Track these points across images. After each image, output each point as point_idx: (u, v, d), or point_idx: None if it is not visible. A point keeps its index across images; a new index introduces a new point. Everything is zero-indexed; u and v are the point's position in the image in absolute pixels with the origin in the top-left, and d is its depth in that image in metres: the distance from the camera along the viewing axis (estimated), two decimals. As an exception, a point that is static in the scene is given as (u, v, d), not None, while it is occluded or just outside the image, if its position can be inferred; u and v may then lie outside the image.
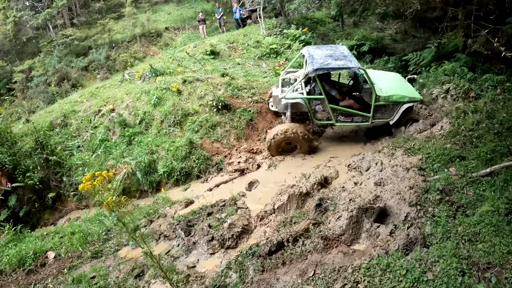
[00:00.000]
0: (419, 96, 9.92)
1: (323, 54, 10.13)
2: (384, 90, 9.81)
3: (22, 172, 11.43)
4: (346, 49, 10.75)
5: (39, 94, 22.10)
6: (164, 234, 7.55)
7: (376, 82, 10.03)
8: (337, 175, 8.41)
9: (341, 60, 9.62)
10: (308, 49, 10.82)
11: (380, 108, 9.83)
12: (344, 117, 9.96)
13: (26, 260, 7.85)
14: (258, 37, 17.57)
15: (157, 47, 23.95)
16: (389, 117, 9.94)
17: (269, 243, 6.07)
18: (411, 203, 6.26)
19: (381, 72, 11.90)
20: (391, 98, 9.67)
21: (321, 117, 10.01)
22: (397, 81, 10.83)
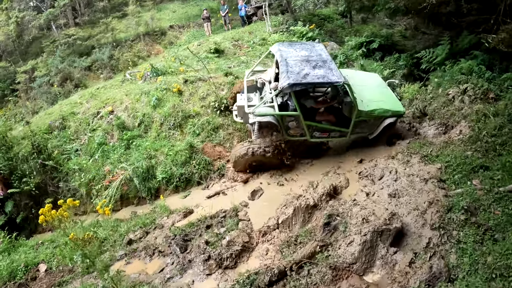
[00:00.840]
0: (403, 108, 9.20)
1: (298, 58, 9.00)
2: (366, 102, 8.93)
3: (18, 177, 11.13)
4: (324, 49, 9.71)
5: (42, 94, 21.75)
6: (159, 250, 7.04)
7: (356, 90, 9.05)
8: (347, 183, 7.80)
9: (321, 68, 8.52)
10: (279, 48, 9.59)
11: (360, 123, 8.98)
12: (320, 133, 9.03)
13: (17, 273, 7.52)
14: (264, 35, 16.99)
15: (162, 45, 23.43)
16: (369, 132, 9.18)
17: (269, 272, 5.47)
18: (433, 226, 5.64)
19: (360, 74, 10.95)
20: (373, 113, 8.85)
21: (294, 133, 8.99)
22: (379, 89, 9.88)
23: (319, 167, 9.06)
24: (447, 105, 9.22)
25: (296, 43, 10.33)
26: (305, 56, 9.08)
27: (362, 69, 12.61)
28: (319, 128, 8.89)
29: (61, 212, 4.24)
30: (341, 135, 9.07)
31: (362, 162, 8.82)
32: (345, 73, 9.88)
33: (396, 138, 9.33)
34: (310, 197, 6.90)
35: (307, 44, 10.18)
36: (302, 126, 8.73)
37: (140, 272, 6.72)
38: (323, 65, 8.66)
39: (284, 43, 10.08)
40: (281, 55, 9.09)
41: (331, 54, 13.81)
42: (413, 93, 11.07)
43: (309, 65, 8.65)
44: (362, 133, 9.19)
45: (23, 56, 26.28)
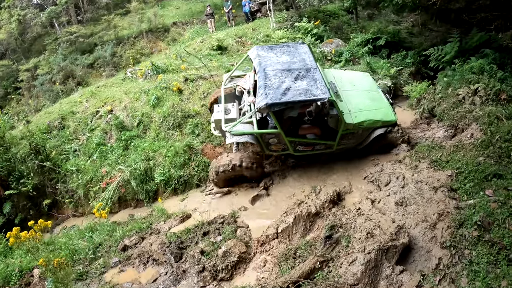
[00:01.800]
0: (394, 117, 8.53)
1: (278, 66, 8.19)
2: (354, 112, 8.23)
3: (16, 178, 10.95)
4: (308, 52, 8.84)
5: (45, 92, 21.65)
6: (154, 258, 6.74)
7: (344, 96, 8.55)
8: (351, 189, 7.43)
9: (304, 79, 7.76)
10: (258, 54, 8.71)
11: (347, 135, 8.35)
12: (303, 147, 8.38)
13: (11, 278, 7.21)
14: (268, 31, 16.55)
15: (165, 42, 23.12)
16: (357, 142, 8.64)
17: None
18: (444, 244, 5.27)
19: (349, 75, 10.01)
20: (362, 125, 8.20)
21: (276, 149, 8.39)
22: (369, 94, 9.06)
23: (324, 171, 8.71)
24: (457, 106, 8.82)
25: (277, 46, 9.30)
26: (287, 63, 8.33)
27: (368, 66, 12.24)
28: (302, 142, 8.33)
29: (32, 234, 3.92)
30: (326, 147, 8.47)
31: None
32: (334, 74, 9.47)
33: (389, 147, 8.77)
34: (312, 204, 6.55)
35: (290, 46, 9.24)
36: (284, 142, 8.12)
37: (133, 281, 6.44)
38: (306, 75, 7.92)
39: (263, 47, 9.23)
40: (259, 62, 8.33)
41: (337, 51, 13.50)
42: (421, 92, 10.68)
43: (291, 75, 7.91)
44: (350, 145, 8.64)
45: (26, 54, 26.21)
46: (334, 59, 13.47)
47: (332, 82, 8.94)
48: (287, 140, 8.04)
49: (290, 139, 8.07)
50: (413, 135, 9.27)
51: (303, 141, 8.25)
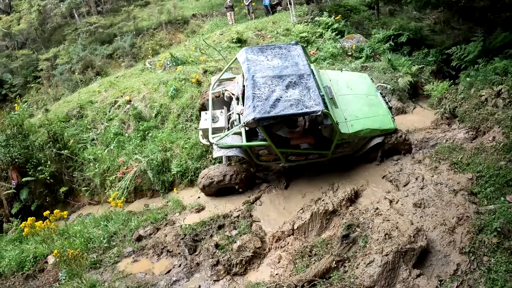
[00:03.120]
0: (393, 125, 8.13)
1: (269, 72, 7.64)
2: (350, 121, 7.78)
3: (34, 165, 11.06)
4: (301, 54, 8.27)
5: (64, 82, 21.87)
6: (168, 249, 6.73)
7: (341, 101, 8.17)
8: (369, 188, 7.29)
9: (296, 88, 7.21)
10: (247, 57, 8.16)
11: (342, 144, 7.97)
12: (296, 156, 7.99)
13: (25, 264, 7.31)
14: (288, 25, 16.36)
15: (184, 34, 23.12)
16: (352, 150, 8.24)
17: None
18: (463, 250, 5.16)
19: (347, 77, 9.45)
20: (358, 135, 7.81)
21: (267, 159, 8.01)
22: (367, 99, 8.59)
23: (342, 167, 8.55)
24: (479, 108, 8.59)
25: (268, 47, 8.69)
26: (278, 68, 7.75)
27: (389, 63, 12.02)
28: (294, 152, 7.94)
29: (47, 224, 3.89)
30: (320, 156, 8.12)
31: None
32: (330, 76, 9.08)
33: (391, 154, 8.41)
34: (329, 201, 6.46)
35: (282, 47, 8.60)
36: (275, 153, 7.74)
37: (146, 272, 6.45)
38: (299, 83, 7.37)
39: (254, 48, 8.65)
40: (248, 68, 7.77)
41: (358, 47, 13.29)
42: (442, 91, 10.44)
43: (282, 83, 7.33)
44: (344, 153, 8.27)
45: (46, 44, 26.54)
46: (355, 55, 13.26)
47: (327, 86, 8.54)
48: (278, 151, 7.68)
49: (281, 150, 7.69)
50: (428, 137, 9.04)
51: (295, 151, 7.88)
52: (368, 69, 12.03)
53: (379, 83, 10.00)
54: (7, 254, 7.67)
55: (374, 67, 12.13)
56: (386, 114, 8.27)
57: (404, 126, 9.66)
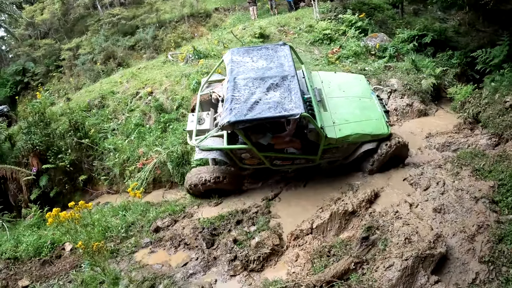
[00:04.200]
0: (387, 130, 7.57)
1: (251, 73, 7.39)
2: (339, 125, 7.38)
3: (54, 153, 11.23)
4: (288, 55, 7.90)
5: (86, 71, 22.21)
6: (185, 242, 6.75)
7: (330, 104, 7.79)
8: (389, 190, 7.16)
9: (277, 90, 6.85)
10: (232, 59, 7.94)
11: (330, 150, 7.55)
12: (281, 161, 7.68)
13: (42, 250, 7.47)
14: (311, 21, 16.22)
15: (206, 28, 23.17)
16: (343, 156, 7.84)
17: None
18: (482, 259, 5.08)
19: (341, 78, 8.97)
20: (346, 140, 7.38)
21: (251, 163, 7.72)
22: (360, 102, 8.12)
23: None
24: (503, 114, 8.41)
25: (255, 48, 8.41)
26: (261, 70, 7.46)
27: (413, 64, 11.84)
28: (279, 156, 7.61)
29: (72, 214, 3.90)
30: (308, 161, 7.76)
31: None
32: (322, 77, 8.74)
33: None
34: (349, 202, 6.42)
35: (270, 48, 8.29)
36: (259, 157, 7.43)
37: (163, 263, 6.48)
38: (281, 84, 7.02)
39: (240, 50, 8.41)
40: (231, 70, 7.55)
41: (381, 46, 13.12)
42: (465, 95, 10.24)
43: (263, 85, 7.01)
44: (334, 158, 7.91)
45: (68, 34, 26.93)
46: (378, 54, 13.10)
47: (317, 88, 8.22)
48: (261, 155, 7.37)
49: (264, 154, 7.39)
50: (450, 142, 8.88)
51: (279, 155, 7.55)
52: (391, 69, 11.89)
53: (375, 85, 9.60)
54: (25, 239, 7.81)
55: (397, 67, 11.97)
56: (380, 118, 7.76)
57: (425, 128, 9.55)
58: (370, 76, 11.53)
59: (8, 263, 7.23)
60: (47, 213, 3.91)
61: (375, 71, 11.77)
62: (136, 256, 6.82)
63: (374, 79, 11.34)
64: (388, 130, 7.58)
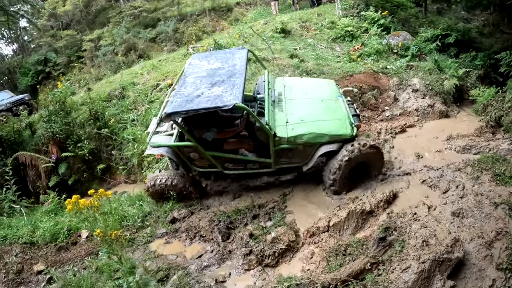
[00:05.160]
0: (348, 131, 6.95)
1: (202, 73, 7.25)
2: (291, 124, 6.96)
3: (74, 142, 11.35)
4: (244, 57, 7.59)
5: (107, 63, 22.48)
6: (201, 234, 6.79)
7: (287, 105, 7.46)
8: (407, 191, 7.02)
9: (221, 86, 6.65)
10: (190, 62, 7.87)
11: (285, 152, 7.06)
12: (233, 164, 7.34)
13: (59, 236, 7.63)
14: (333, 18, 16.11)
15: (227, 22, 23.20)
16: (302, 161, 7.22)
17: (311, 287, 4.90)
18: (500, 266, 4.96)
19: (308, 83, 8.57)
20: (299, 139, 6.83)
21: (202, 165, 7.40)
22: (324, 103, 7.61)
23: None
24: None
25: (216, 53, 8.43)
26: (213, 70, 7.32)
27: (435, 64, 11.65)
28: (228, 158, 7.24)
29: (91, 202, 3.92)
30: (263, 166, 7.31)
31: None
32: (287, 82, 8.39)
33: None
34: (367, 201, 6.34)
35: (228, 52, 8.14)
36: (207, 157, 7.13)
37: (178, 254, 6.53)
38: (227, 81, 6.80)
39: (201, 54, 8.37)
40: (186, 71, 7.51)
41: (404, 45, 12.95)
42: (488, 98, 9.96)
43: (210, 81, 6.89)
44: (292, 164, 7.30)
45: (90, 25, 27.34)
46: (400, 53, 12.92)
47: (275, 90, 7.93)
48: (209, 155, 7.05)
49: (212, 154, 7.08)
50: (471, 145, 8.66)
51: (228, 157, 7.17)
52: (413, 68, 11.71)
53: (346, 87, 9.13)
54: (42, 225, 7.98)
55: (419, 66, 11.79)
56: (344, 119, 7.16)
57: (446, 130, 9.38)
58: (391, 75, 11.40)
59: (25, 248, 7.38)
60: (67, 200, 3.91)
61: (397, 70, 11.62)
62: (151, 246, 6.90)
63: (395, 78, 11.20)
64: (352, 132, 6.97)
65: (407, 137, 9.32)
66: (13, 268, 6.67)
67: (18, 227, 8.07)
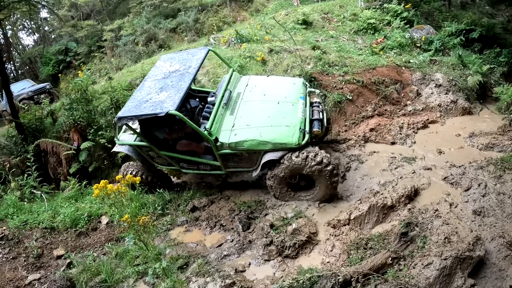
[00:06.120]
0: (294, 140, 6.57)
1: (160, 76, 7.54)
2: (236, 129, 6.86)
3: (95, 129, 11.38)
4: (200, 58, 7.69)
5: (127, 52, 22.61)
6: (221, 223, 6.83)
7: (240, 108, 7.36)
8: (429, 186, 6.98)
9: (168, 91, 6.84)
10: (158, 62, 8.25)
11: (230, 157, 7.05)
12: (187, 164, 7.56)
13: (79, 222, 7.73)
14: (356, 10, 15.84)
15: (248, 12, 23.05)
16: (250, 167, 7.13)
17: (333, 279, 4.85)
18: None
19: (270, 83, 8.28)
20: (240, 146, 6.70)
21: (161, 163, 7.79)
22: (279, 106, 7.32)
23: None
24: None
25: (180, 53, 8.48)
26: (170, 73, 7.56)
27: (459, 60, 11.44)
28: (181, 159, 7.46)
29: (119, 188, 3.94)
30: (213, 169, 7.43)
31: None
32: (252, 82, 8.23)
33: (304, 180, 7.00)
34: (388, 196, 6.30)
35: (190, 53, 8.15)
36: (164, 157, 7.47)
37: (198, 243, 6.58)
38: (175, 85, 6.99)
39: (169, 55, 8.58)
40: (148, 74, 7.95)
41: (427, 39, 12.74)
42: (512, 96, 9.84)
43: (162, 86, 7.15)
44: (242, 169, 7.28)
45: (111, 16, 27.51)
46: (423, 47, 12.70)
47: (230, 91, 7.80)
48: (163, 154, 7.37)
49: (165, 154, 7.37)
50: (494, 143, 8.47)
51: (179, 157, 7.40)
52: (436, 63, 11.53)
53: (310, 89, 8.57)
54: (62, 211, 8.09)
55: (443, 61, 11.60)
56: (294, 126, 6.78)
57: (468, 127, 9.23)
58: (414, 69, 11.24)
59: (45, 233, 7.49)
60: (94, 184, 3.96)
61: (420, 64, 11.45)
62: (171, 234, 6.97)
63: (418, 73, 11.05)
64: (297, 140, 6.57)
65: (429, 133, 9.23)
66: (33, 253, 6.77)
67: (39, 213, 8.18)
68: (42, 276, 6.11)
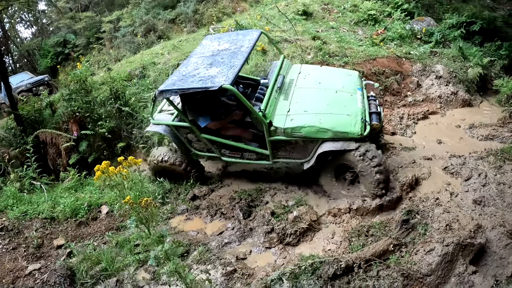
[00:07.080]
0: (356, 129, 6.01)
1: (208, 53, 7.00)
2: (292, 114, 6.32)
3: (94, 120, 11.38)
4: (253, 39, 7.18)
5: (126, 43, 22.53)
6: (222, 211, 6.81)
7: (294, 94, 6.84)
8: (429, 176, 7.02)
9: (219, 66, 6.28)
10: (203, 41, 7.70)
11: (283, 145, 6.49)
12: (229, 151, 6.97)
13: (79, 211, 7.71)
14: (356, 1, 15.74)
15: (247, 3, 22.80)
16: (302, 158, 6.51)
17: (335, 265, 4.86)
18: None
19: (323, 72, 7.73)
20: (297, 132, 6.13)
21: (200, 148, 7.17)
22: (337, 95, 6.79)
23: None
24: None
25: (228, 34, 7.98)
26: (220, 51, 6.99)
27: (460, 52, 11.44)
28: (224, 144, 6.86)
29: (120, 170, 3.91)
30: (259, 158, 6.82)
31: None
32: (303, 70, 7.72)
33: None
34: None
35: (240, 34, 7.73)
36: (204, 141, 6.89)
37: (198, 231, 6.57)
38: (226, 62, 6.41)
39: (215, 36, 8.10)
40: (193, 51, 7.38)
41: (428, 30, 12.72)
42: (512, 88, 9.85)
43: (211, 62, 6.59)
44: (291, 159, 6.67)
45: (109, 7, 27.43)
46: (424, 38, 12.71)
47: (284, 76, 7.33)
48: (204, 138, 6.78)
49: (206, 138, 6.78)
50: (494, 135, 8.54)
51: (223, 142, 6.80)
52: (437, 54, 11.54)
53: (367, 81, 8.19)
54: (62, 201, 8.05)
55: (443, 53, 11.61)
56: (355, 115, 6.23)
57: (468, 119, 9.26)
58: (415, 60, 11.24)
59: (45, 223, 7.47)
60: (96, 166, 3.94)
61: (421, 55, 11.46)
62: (171, 222, 6.95)
63: (419, 64, 11.06)
64: (359, 130, 6.04)
65: (429, 124, 9.27)
66: (33, 243, 6.74)
67: (39, 203, 8.17)
68: (42, 266, 6.06)
